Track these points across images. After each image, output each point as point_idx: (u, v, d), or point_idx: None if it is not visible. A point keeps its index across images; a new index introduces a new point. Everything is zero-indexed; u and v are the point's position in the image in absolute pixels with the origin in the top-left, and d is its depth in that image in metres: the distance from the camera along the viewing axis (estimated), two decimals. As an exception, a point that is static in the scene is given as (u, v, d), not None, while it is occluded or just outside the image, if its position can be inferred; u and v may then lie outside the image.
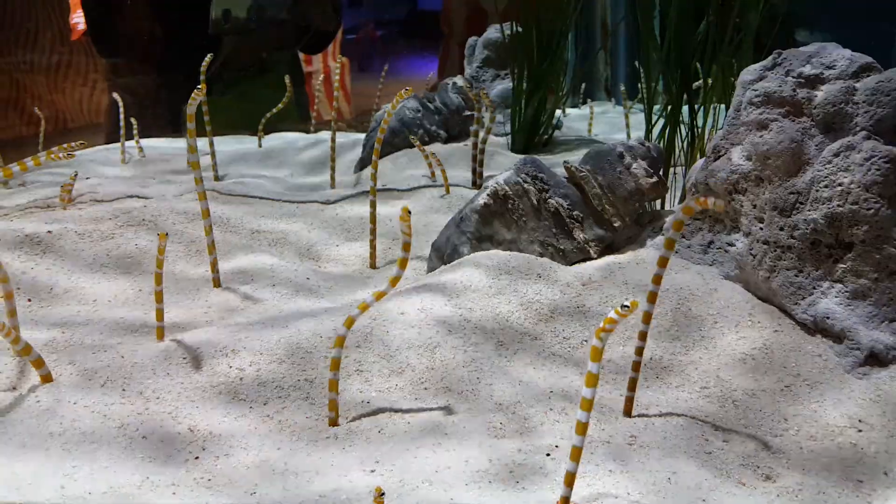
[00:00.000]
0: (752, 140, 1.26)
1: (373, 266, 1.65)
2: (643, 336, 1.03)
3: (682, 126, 1.64)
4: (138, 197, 1.71)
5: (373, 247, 1.64)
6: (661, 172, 1.42)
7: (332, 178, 2.18)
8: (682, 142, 1.62)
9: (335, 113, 2.39)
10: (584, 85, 3.09)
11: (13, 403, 1.02)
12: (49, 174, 2.12)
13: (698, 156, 1.59)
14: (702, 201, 0.83)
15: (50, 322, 1.27)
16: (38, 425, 0.97)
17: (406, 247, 0.98)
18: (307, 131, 2.87)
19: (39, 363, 1.06)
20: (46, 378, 1.07)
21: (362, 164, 2.38)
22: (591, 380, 0.79)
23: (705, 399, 1.13)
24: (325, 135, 2.83)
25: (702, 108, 1.63)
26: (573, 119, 2.93)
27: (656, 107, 1.69)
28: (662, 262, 0.91)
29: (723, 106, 1.79)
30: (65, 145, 1.68)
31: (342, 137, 2.64)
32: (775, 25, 1.69)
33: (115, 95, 2.46)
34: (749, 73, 1.29)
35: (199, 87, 1.28)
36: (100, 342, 1.19)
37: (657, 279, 0.93)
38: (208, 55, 2.07)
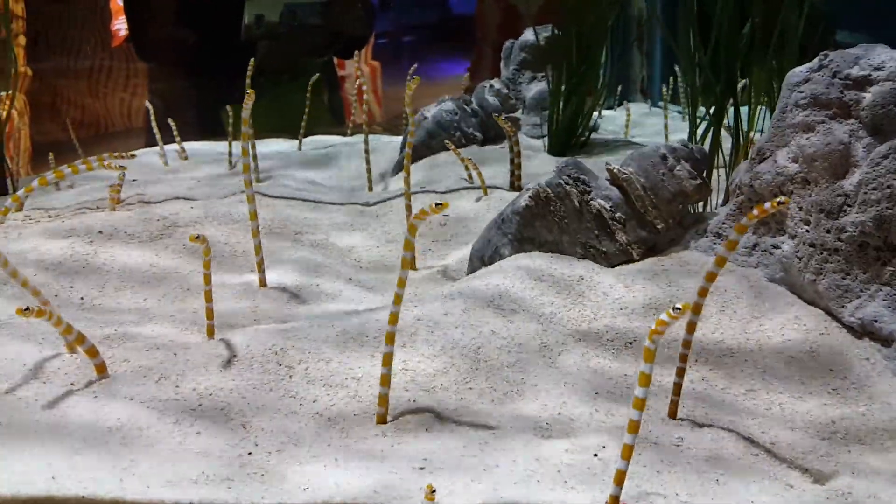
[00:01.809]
0: (798, 142, 1.25)
1: (413, 268, 1.67)
2: (687, 344, 1.03)
3: (724, 128, 1.63)
4: (184, 199, 1.76)
5: (412, 248, 1.66)
6: (704, 174, 1.42)
7: (370, 180, 2.21)
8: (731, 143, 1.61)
9: (366, 116, 2.43)
10: (619, 87, 3.08)
11: (72, 398, 1.05)
12: (95, 176, 2.18)
13: (742, 158, 1.58)
14: (765, 208, 0.83)
15: (103, 320, 1.31)
16: (96, 420, 1.00)
17: (407, 245, 0.99)
18: (344, 134, 2.91)
19: (93, 352, 1.09)
20: (101, 368, 1.10)
21: (399, 166, 2.41)
22: (644, 380, 0.80)
23: (752, 401, 1.13)
24: (360, 138, 2.87)
25: (746, 109, 1.62)
26: (609, 121, 2.92)
27: (695, 108, 1.68)
28: (721, 262, 0.91)
29: (763, 107, 1.78)
30: (116, 154, 1.74)
31: (376, 140, 2.68)
32: (817, 27, 1.67)
33: (147, 102, 2.53)
34: (795, 75, 1.28)
35: (248, 91, 1.31)
36: (152, 339, 1.23)
37: (711, 276, 0.93)
38: (251, 60, 2.12)
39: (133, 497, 0.87)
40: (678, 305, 0.77)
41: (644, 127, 2.94)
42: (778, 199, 0.82)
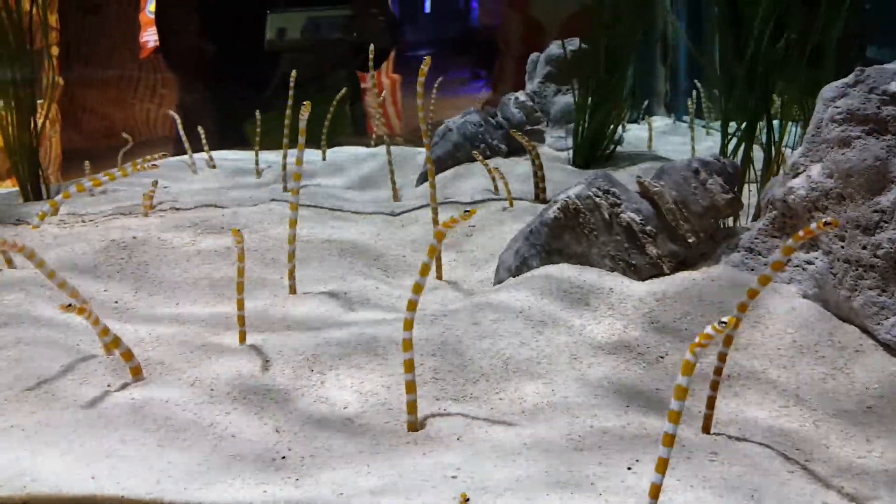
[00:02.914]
0: (833, 157, 1.24)
1: (439, 277, 1.67)
2: (723, 357, 1.03)
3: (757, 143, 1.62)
4: (215, 206, 1.78)
5: (438, 258, 1.67)
6: (736, 189, 1.41)
7: (394, 190, 2.22)
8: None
9: (385, 128, 2.44)
10: (646, 102, 3.08)
11: (109, 399, 1.07)
12: (126, 183, 2.21)
13: (774, 173, 1.58)
14: (811, 229, 0.83)
15: (137, 324, 1.33)
16: (133, 421, 1.02)
17: (431, 252, 1.00)
18: (368, 145, 2.93)
19: (128, 356, 1.11)
20: (136, 371, 1.11)
21: (423, 177, 2.42)
22: (681, 393, 0.80)
23: (785, 418, 1.12)
24: (383, 149, 2.89)
25: (778, 124, 1.61)
26: (632, 134, 2.92)
27: (727, 122, 1.67)
28: (764, 281, 0.91)
29: (793, 123, 1.77)
30: (148, 157, 1.77)
31: (400, 151, 2.70)
32: (850, 43, 1.66)
33: (171, 112, 2.58)
34: (830, 90, 1.28)
35: (304, 103, 1.34)
36: (186, 343, 1.24)
37: (752, 294, 0.93)
38: (293, 71, 2.16)
39: (171, 498, 0.88)
40: (724, 319, 0.77)
41: (668, 141, 2.93)
42: (825, 221, 0.81)
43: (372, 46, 2.11)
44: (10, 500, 0.88)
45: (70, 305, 0.96)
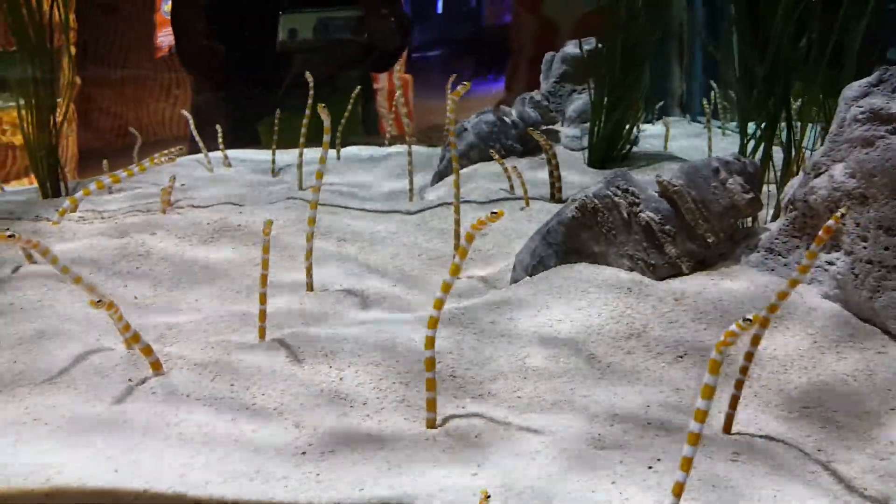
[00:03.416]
0: (856, 157, 1.23)
1: (457, 276, 1.67)
2: (749, 357, 1.02)
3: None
4: (232, 204, 1.79)
5: (465, 255, 1.67)
6: (757, 188, 1.40)
7: (411, 190, 2.23)
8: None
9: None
10: (661, 102, 3.07)
11: (130, 394, 1.08)
12: (142, 181, 2.22)
13: (794, 172, 1.57)
14: (829, 226, 0.82)
15: (157, 319, 1.33)
16: (155, 415, 1.02)
17: (462, 252, 1.00)
18: (381, 145, 2.94)
19: (148, 350, 1.11)
20: (156, 366, 1.12)
21: (439, 176, 2.42)
22: (708, 392, 0.79)
23: (806, 419, 1.11)
24: (397, 148, 2.90)
25: (798, 124, 1.60)
26: (647, 135, 2.91)
27: (746, 122, 1.66)
28: (793, 284, 0.90)
29: (812, 124, 1.76)
30: (164, 151, 1.78)
31: (413, 151, 2.71)
32: (871, 44, 1.65)
33: (183, 112, 2.60)
34: (852, 89, 1.27)
35: (320, 105, 1.34)
36: (205, 339, 1.25)
37: (783, 296, 0.92)
38: (308, 72, 2.17)
39: (194, 493, 0.88)
40: (748, 317, 0.76)
41: (683, 141, 2.92)
42: (840, 212, 0.81)
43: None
44: (34, 492, 0.88)
45: (100, 301, 0.97)
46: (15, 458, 0.92)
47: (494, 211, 0.95)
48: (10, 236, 0.98)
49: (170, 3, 3.93)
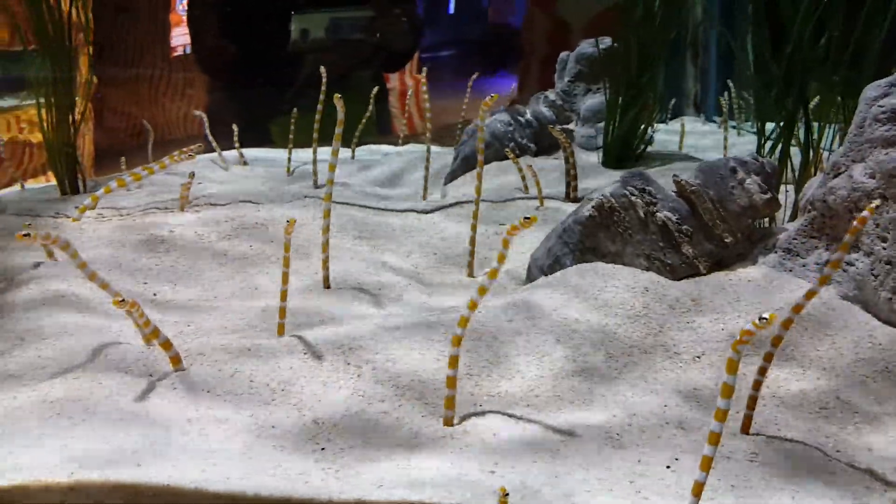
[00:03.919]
0: (876, 157, 1.23)
1: (470, 275, 1.68)
2: (769, 357, 1.02)
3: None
4: (250, 202, 1.80)
5: (471, 255, 1.68)
6: (775, 189, 1.40)
7: (425, 189, 2.23)
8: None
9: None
10: (673, 101, 3.06)
11: (152, 389, 1.09)
12: (158, 179, 2.24)
13: (812, 173, 1.56)
14: (855, 225, 0.82)
15: (176, 316, 1.35)
16: (176, 411, 1.03)
17: (500, 258, 1.00)
18: (395, 144, 2.95)
19: (168, 346, 1.12)
20: (176, 360, 1.13)
21: (452, 176, 2.42)
22: (727, 391, 0.79)
23: (824, 420, 1.10)
24: (411, 147, 2.91)
25: (816, 124, 1.60)
26: (661, 135, 2.90)
27: (763, 122, 1.65)
28: (823, 281, 0.90)
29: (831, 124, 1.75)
30: (184, 149, 1.80)
31: (418, 149, 2.73)
32: (892, 44, 1.64)
33: (195, 112, 2.63)
34: (873, 88, 1.26)
35: (336, 95, 1.35)
36: (224, 335, 1.26)
37: (810, 295, 0.92)
38: (323, 71, 2.18)
39: (215, 488, 0.89)
40: (764, 315, 0.76)
41: (697, 141, 2.91)
42: (873, 205, 0.81)
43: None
44: (58, 486, 0.89)
45: (123, 301, 0.98)
46: (38, 452, 0.93)
47: (527, 216, 0.96)
48: (25, 235, 0.98)
49: (184, 2, 3.96)
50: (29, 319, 1.27)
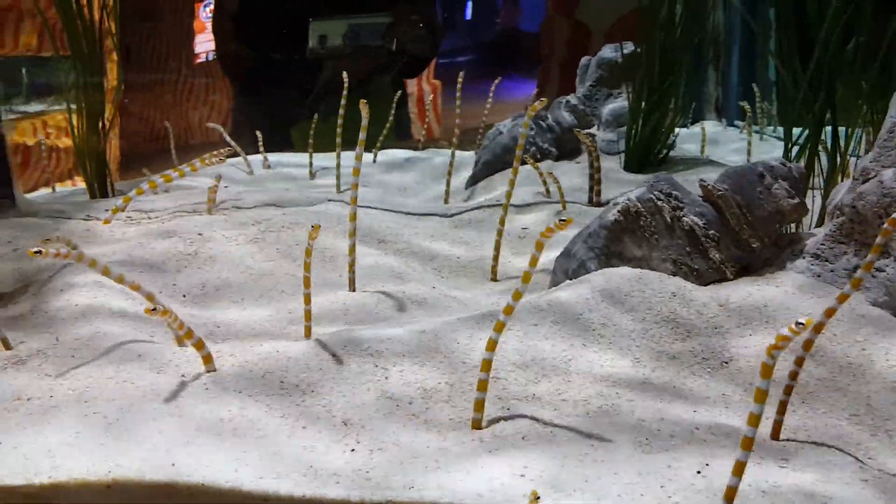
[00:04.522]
0: (907, 162, 1.22)
1: (493, 279, 1.69)
2: (800, 362, 1.01)
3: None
4: (275, 206, 1.82)
5: (495, 260, 1.68)
6: (802, 194, 1.39)
7: (447, 192, 2.24)
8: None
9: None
10: (692, 105, 3.05)
11: (185, 389, 1.10)
12: (183, 183, 2.27)
13: (839, 178, 1.55)
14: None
15: (205, 317, 1.37)
16: (209, 410, 1.05)
17: (533, 261, 1.01)
18: (416, 148, 2.97)
19: (200, 345, 1.14)
20: (207, 360, 1.14)
21: (474, 180, 2.43)
22: (760, 395, 0.79)
23: (855, 426, 1.10)
24: (430, 152, 2.92)
25: (844, 130, 1.59)
26: (682, 139, 2.89)
27: (790, 126, 1.65)
28: (856, 284, 0.90)
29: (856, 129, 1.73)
30: (213, 152, 1.82)
31: (441, 155, 2.75)
32: None
33: (212, 124, 2.68)
34: (903, 93, 1.25)
35: (361, 101, 1.37)
36: (254, 337, 1.27)
37: (843, 298, 0.92)
38: (345, 76, 2.21)
39: (249, 487, 0.90)
40: (801, 320, 0.76)
41: (719, 146, 2.89)
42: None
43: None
44: (96, 483, 0.91)
45: (154, 309, 1.00)
46: (76, 451, 0.95)
47: (563, 219, 0.96)
48: (37, 252, 0.96)
49: (207, 9, 4.02)
50: (63, 320, 1.29)
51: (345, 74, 2.24)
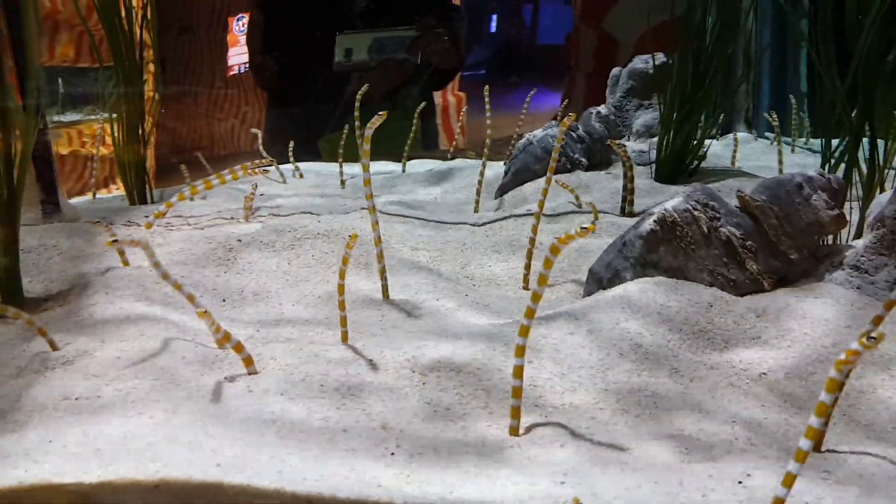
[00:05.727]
0: (951, 173, 1.20)
1: (525, 287, 1.69)
2: (847, 372, 1.00)
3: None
4: (310, 214, 1.85)
5: (527, 269, 1.69)
6: (841, 205, 1.38)
7: (477, 202, 2.26)
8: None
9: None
10: (721, 116, 3.03)
11: (228, 391, 1.12)
12: (219, 191, 2.31)
13: (878, 190, 1.53)
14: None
15: (245, 321, 1.39)
16: (253, 412, 1.07)
17: (548, 264, 1.00)
18: (444, 159, 2.99)
19: (239, 348, 1.16)
20: (248, 362, 1.17)
21: (503, 189, 2.44)
22: (822, 409, 0.79)
23: (898, 441, 1.08)
24: (458, 162, 2.94)
25: (885, 141, 1.57)
26: (713, 150, 2.88)
27: (829, 138, 1.64)
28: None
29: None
30: (256, 161, 1.86)
31: (475, 164, 2.76)
32: None
33: (253, 130, 2.73)
34: (945, 104, 1.24)
35: (380, 113, 1.39)
36: (292, 341, 1.29)
37: (890, 305, 0.91)
38: (368, 88, 2.24)
39: (293, 489, 0.92)
40: (873, 335, 0.75)
41: (750, 157, 2.87)
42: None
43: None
44: (145, 483, 0.93)
45: (205, 312, 1.03)
46: (124, 452, 0.97)
47: (584, 226, 0.96)
48: (114, 241, 1.04)
49: (240, 22, 4.10)
50: (107, 322, 1.33)
51: (367, 89, 2.28)
